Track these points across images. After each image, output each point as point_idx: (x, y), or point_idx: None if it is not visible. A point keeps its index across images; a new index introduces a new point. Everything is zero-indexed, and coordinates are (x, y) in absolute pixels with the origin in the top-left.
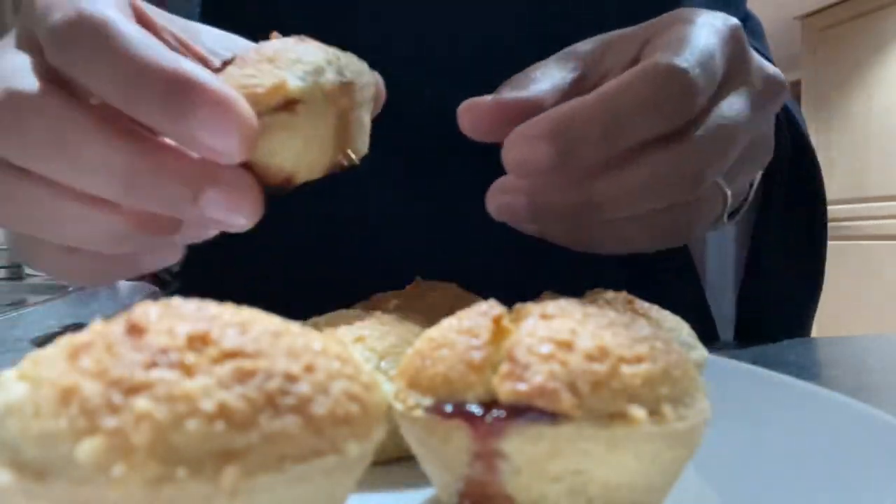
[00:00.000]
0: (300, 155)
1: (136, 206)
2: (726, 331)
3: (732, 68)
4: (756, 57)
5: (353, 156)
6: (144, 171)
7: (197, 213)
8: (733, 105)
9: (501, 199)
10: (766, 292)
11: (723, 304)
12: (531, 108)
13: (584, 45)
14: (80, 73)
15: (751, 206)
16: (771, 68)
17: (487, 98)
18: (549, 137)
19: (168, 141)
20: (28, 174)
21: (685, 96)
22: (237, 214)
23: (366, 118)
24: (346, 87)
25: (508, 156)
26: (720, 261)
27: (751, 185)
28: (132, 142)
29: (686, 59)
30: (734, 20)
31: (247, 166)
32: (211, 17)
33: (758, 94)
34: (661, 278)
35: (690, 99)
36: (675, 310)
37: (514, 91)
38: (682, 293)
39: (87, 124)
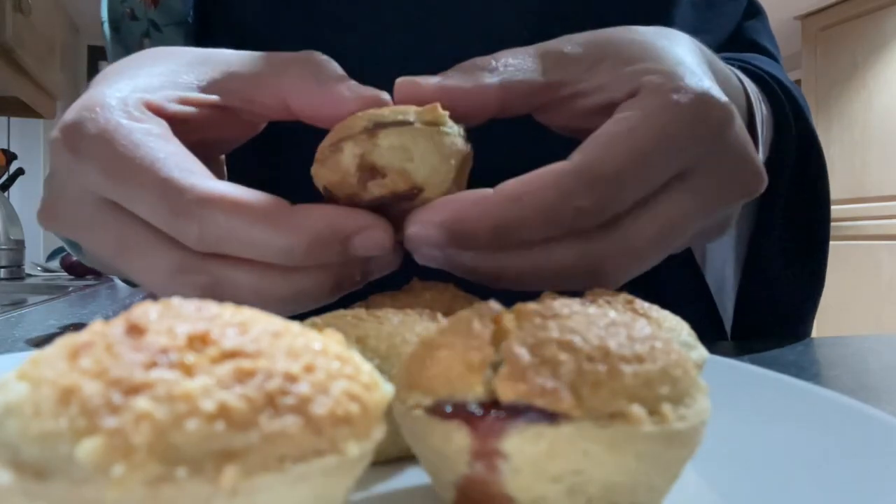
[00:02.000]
0: (434, 169)
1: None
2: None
3: (695, 155)
4: (738, 148)
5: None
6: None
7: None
8: (677, 205)
9: (421, 230)
10: (765, 292)
11: (725, 303)
12: (474, 98)
13: (573, 47)
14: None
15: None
16: (752, 160)
17: (432, 80)
18: (440, 227)
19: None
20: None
21: (602, 206)
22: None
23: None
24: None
25: (409, 230)
26: (721, 259)
27: None
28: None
29: (618, 158)
30: (723, 99)
31: (376, 170)
32: (202, 20)
33: (719, 190)
34: (662, 278)
35: (608, 207)
36: (676, 309)
37: (461, 78)
38: (683, 292)
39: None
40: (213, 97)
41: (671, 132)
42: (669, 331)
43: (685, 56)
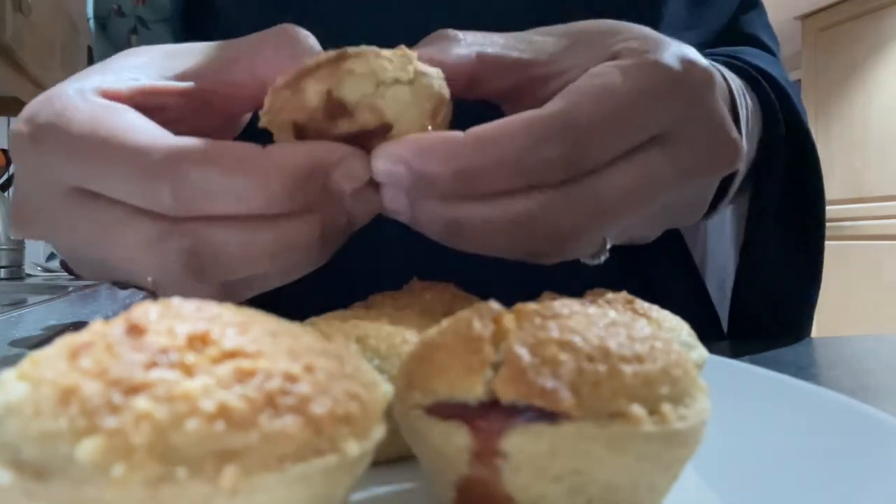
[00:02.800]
0: (404, 106)
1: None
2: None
3: (673, 117)
4: (716, 114)
5: None
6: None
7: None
8: (649, 167)
9: (384, 165)
10: (760, 286)
11: (723, 301)
12: (446, 68)
13: (543, 35)
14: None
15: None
16: (729, 130)
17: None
18: (404, 162)
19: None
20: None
21: (571, 159)
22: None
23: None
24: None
25: (373, 164)
26: (722, 258)
27: (733, 179)
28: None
29: (592, 109)
30: (704, 63)
31: (344, 107)
32: (189, 22)
33: (695, 159)
34: (662, 278)
35: (578, 160)
36: (675, 309)
37: (433, 48)
38: (682, 292)
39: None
40: (186, 84)
41: (649, 90)
42: (669, 331)
43: (664, 35)
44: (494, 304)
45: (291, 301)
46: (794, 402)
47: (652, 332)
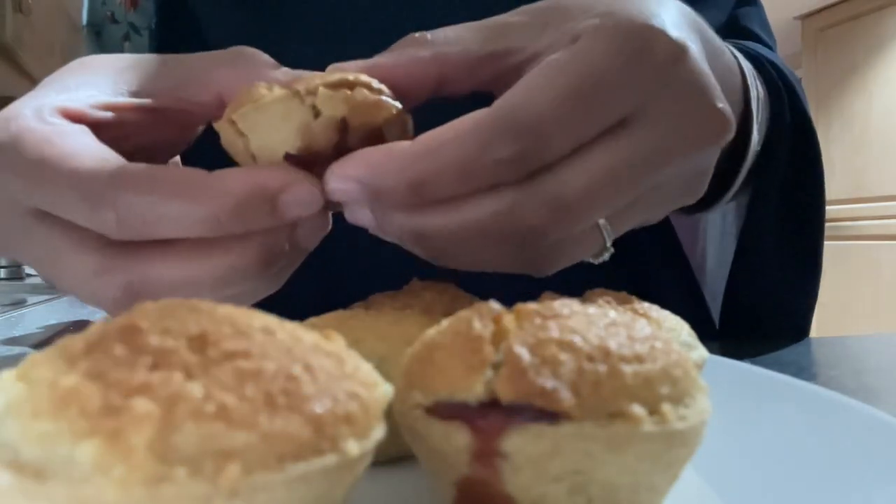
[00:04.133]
0: (269, 137)
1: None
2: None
3: (638, 96)
4: (695, 85)
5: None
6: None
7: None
8: (619, 152)
9: (336, 184)
10: (758, 285)
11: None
12: (407, 73)
13: (520, 16)
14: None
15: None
16: (713, 100)
17: (361, 63)
18: (355, 180)
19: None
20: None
21: (524, 157)
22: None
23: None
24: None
25: (326, 185)
26: (719, 260)
27: (737, 174)
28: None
29: (544, 100)
30: (672, 33)
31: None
32: (168, 31)
33: (676, 136)
34: (661, 278)
35: (532, 157)
36: (674, 309)
37: (393, 54)
38: (681, 292)
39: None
40: (144, 100)
41: (603, 71)
42: (669, 331)
43: (646, 4)
44: (494, 304)
45: (291, 301)
46: (794, 402)
47: (652, 332)
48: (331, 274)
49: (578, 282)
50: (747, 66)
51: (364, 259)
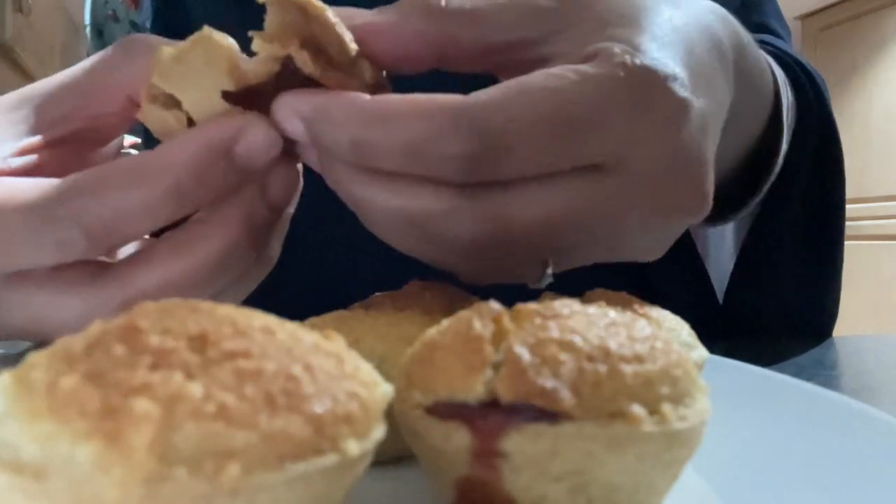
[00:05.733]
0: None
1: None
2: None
3: (621, 145)
4: (687, 156)
5: None
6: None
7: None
8: (580, 197)
9: (281, 116)
10: (773, 289)
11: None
12: (403, 41)
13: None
14: None
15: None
16: (700, 176)
17: (364, 15)
18: (301, 118)
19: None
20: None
21: (475, 163)
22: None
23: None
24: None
25: (274, 113)
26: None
27: (757, 185)
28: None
29: (520, 113)
30: (680, 94)
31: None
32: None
33: (648, 201)
34: (663, 277)
35: (484, 167)
36: (675, 309)
37: (398, 14)
38: (682, 292)
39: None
40: (54, 133)
41: (594, 110)
42: (669, 331)
43: (669, 42)
44: (494, 304)
45: (291, 301)
46: (794, 402)
47: (652, 332)
48: (331, 274)
49: (578, 282)
50: (779, 74)
51: (364, 259)
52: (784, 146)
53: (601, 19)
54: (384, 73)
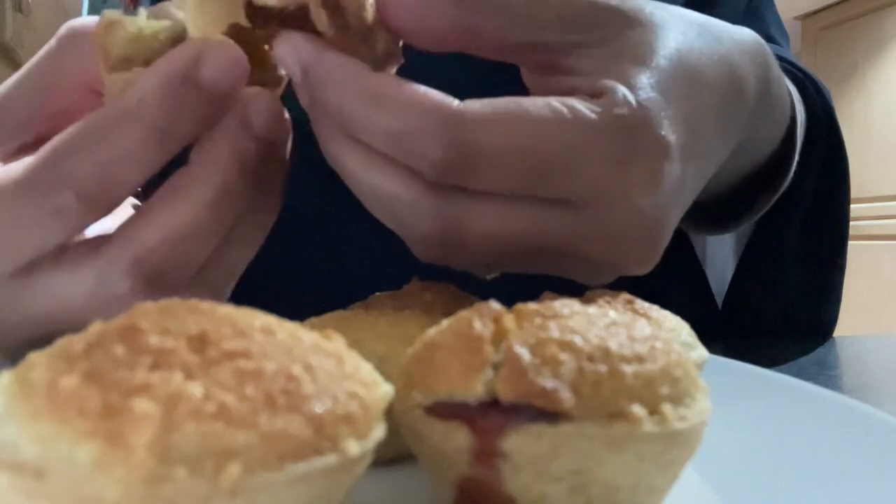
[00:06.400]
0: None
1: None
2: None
3: (589, 196)
4: (652, 212)
5: None
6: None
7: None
8: (538, 225)
9: (282, 51)
10: (776, 293)
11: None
12: (425, 21)
13: (590, 10)
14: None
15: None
16: (657, 240)
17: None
18: (301, 64)
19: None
20: None
21: (448, 165)
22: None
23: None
24: None
25: (277, 45)
26: (721, 263)
27: (764, 191)
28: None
29: (505, 139)
30: (661, 156)
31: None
32: None
33: (599, 249)
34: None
35: (455, 173)
36: (675, 309)
37: None
38: (682, 292)
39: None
40: (18, 142)
41: (582, 153)
42: (669, 331)
43: (683, 82)
44: (494, 304)
45: (291, 301)
46: (793, 402)
47: (652, 332)
48: (331, 274)
49: (578, 282)
50: (793, 89)
51: (364, 259)
52: (794, 163)
53: (628, 49)
54: (400, 43)
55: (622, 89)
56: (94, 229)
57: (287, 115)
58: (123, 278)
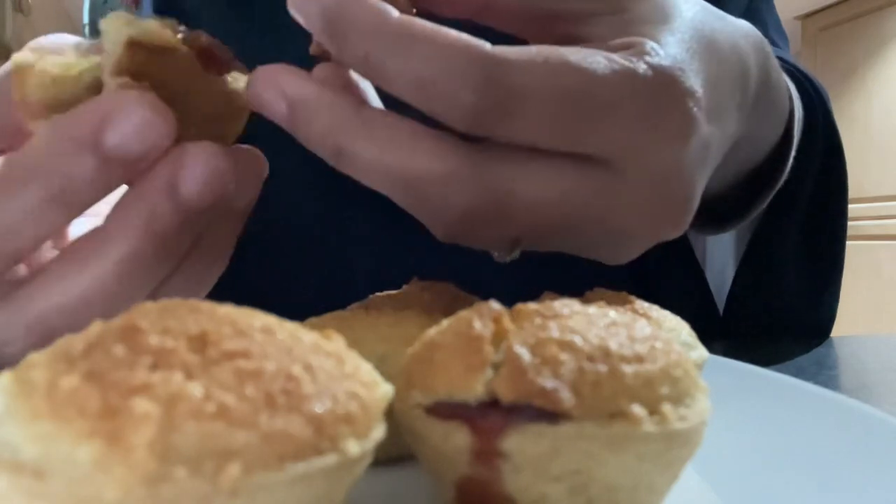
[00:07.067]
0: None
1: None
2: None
3: (625, 152)
4: (685, 171)
5: None
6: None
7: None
8: (583, 185)
9: (258, 90)
10: (776, 295)
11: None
12: None
13: None
14: None
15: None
16: (688, 200)
17: None
18: (323, 11)
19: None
20: None
21: (481, 109)
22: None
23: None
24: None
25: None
26: (720, 262)
27: (762, 193)
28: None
29: (545, 83)
30: (694, 111)
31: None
32: None
33: (631, 209)
34: (663, 277)
35: (488, 118)
36: (675, 309)
37: None
38: (682, 292)
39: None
40: None
41: (611, 99)
42: (669, 331)
43: (703, 51)
44: (494, 304)
45: (291, 301)
46: (794, 402)
47: (652, 332)
48: (331, 274)
49: (578, 282)
50: (792, 89)
51: (364, 259)
52: (790, 160)
53: (645, 14)
54: (414, 10)
55: (650, 42)
56: (81, 221)
57: (260, 161)
58: (20, 337)
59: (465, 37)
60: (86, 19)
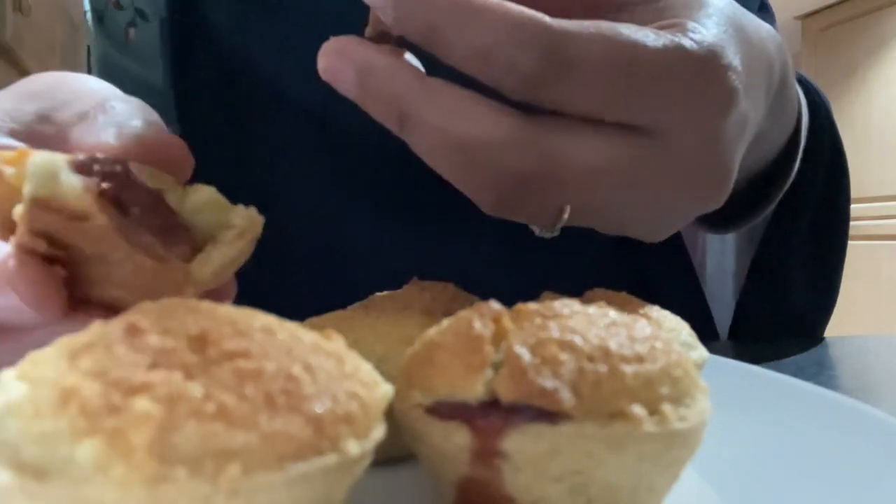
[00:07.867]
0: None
1: None
2: (722, 332)
3: (670, 121)
4: (725, 140)
5: None
6: None
7: None
8: (625, 154)
9: (328, 60)
10: (777, 296)
11: (720, 306)
12: None
13: None
14: None
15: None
16: (729, 170)
17: None
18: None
19: None
20: None
21: (537, 74)
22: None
23: None
24: None
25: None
26: (719, 263)
27: (769, 195)
28: None
29: (601, 51)
30: (735, 84)
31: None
32: (176, 20)
33: (674, 179)
34: (661, 278)
35: (546, 83)
36: (674, 309)
37: None
38: (681, 294)
39: None
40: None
41: (660, 70)
42: (669, 331)
43: (738, 37)
44: (494, 304)
45: (291, 301)
46: (794, 402)
47: (652, 332)
48: (331, 274)
49: (578, 282)
50: (799, 91)
51: (364, 259)
52: (797, 163)
53: (679, 1)
54: None
55: (691, 22)
56: None
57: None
58: None
59: (525, 9)
60: (87, 6)
